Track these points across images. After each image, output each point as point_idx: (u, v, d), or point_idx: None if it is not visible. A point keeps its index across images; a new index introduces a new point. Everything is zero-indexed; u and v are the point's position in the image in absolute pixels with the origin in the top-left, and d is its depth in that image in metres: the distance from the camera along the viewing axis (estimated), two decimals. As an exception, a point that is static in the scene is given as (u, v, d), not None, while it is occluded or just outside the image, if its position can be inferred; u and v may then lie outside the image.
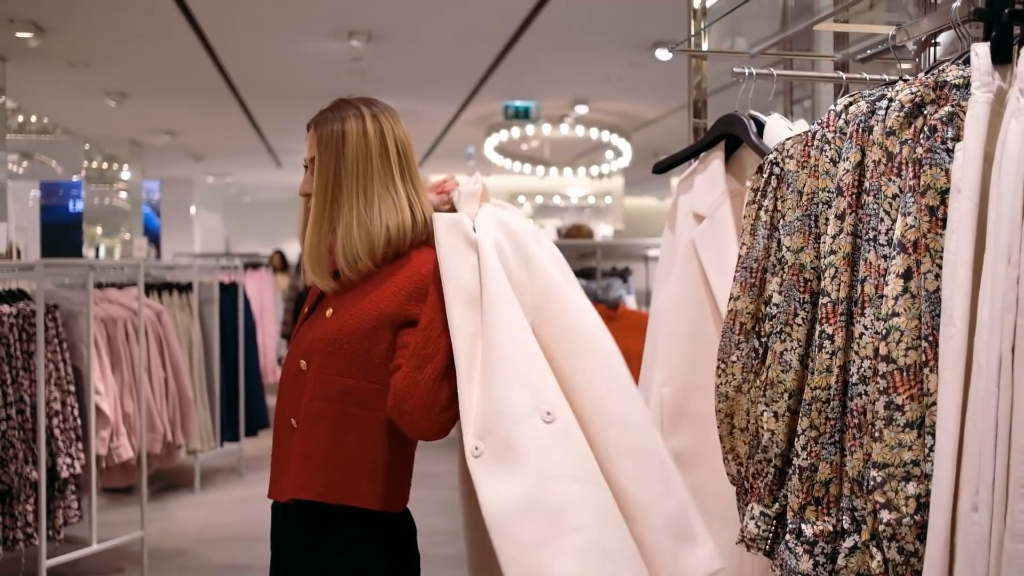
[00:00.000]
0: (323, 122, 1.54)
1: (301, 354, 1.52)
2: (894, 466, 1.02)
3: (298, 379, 1.52)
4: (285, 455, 1.52)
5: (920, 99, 1.06)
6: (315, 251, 1.52)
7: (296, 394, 1.52)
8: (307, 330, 1.56)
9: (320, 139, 1.53)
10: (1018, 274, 0.84)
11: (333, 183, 1.51)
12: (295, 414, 1.51)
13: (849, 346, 1.12)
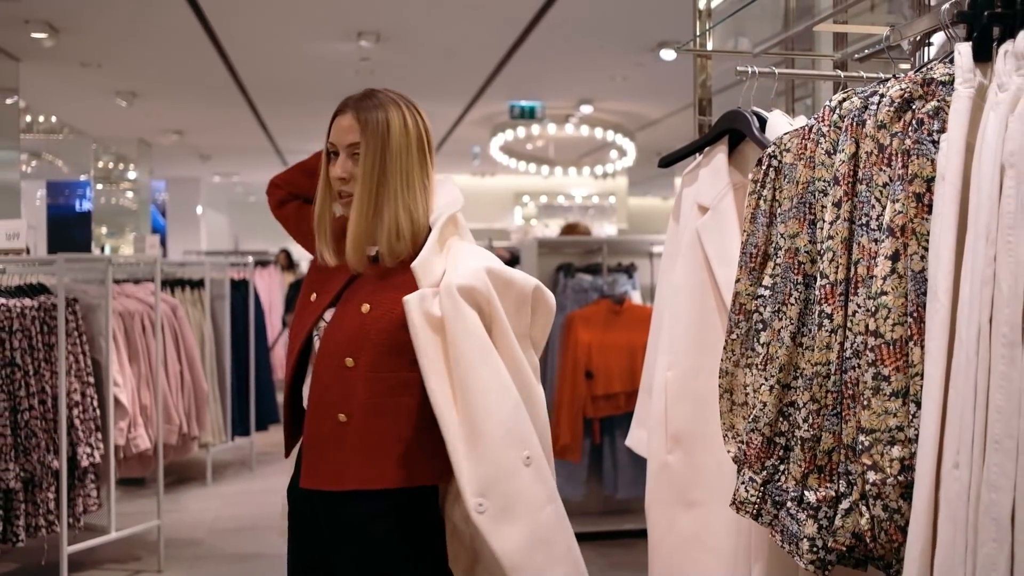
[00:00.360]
0: (366, 109, 1.57)
1: (345, 351, 1.55)
2: (880, 431, 1.11)
3: (343, 375, 1.55)
4: (332, 447, 1.56)
5: (909, 95, 1.14)
6: (361, 233, 1.56)
7: (343, 389, 1.55)
8: (342, 325, 1.58)
9: (366, 125, 1.56)
10: (995, 252, 0.92)
11: (380, 169, 1.55)
12: (344, 409, 1.55)
13: (845, 325, 1.21)
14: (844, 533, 1.19)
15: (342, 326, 1.58)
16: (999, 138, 0.93)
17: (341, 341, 1.56)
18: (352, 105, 1.60)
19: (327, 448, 1.57)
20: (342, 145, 1.59)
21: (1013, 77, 0.94)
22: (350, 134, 1.58)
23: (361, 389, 1.53)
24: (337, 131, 1.61)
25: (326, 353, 1.59)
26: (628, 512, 4.40)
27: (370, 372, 1.53)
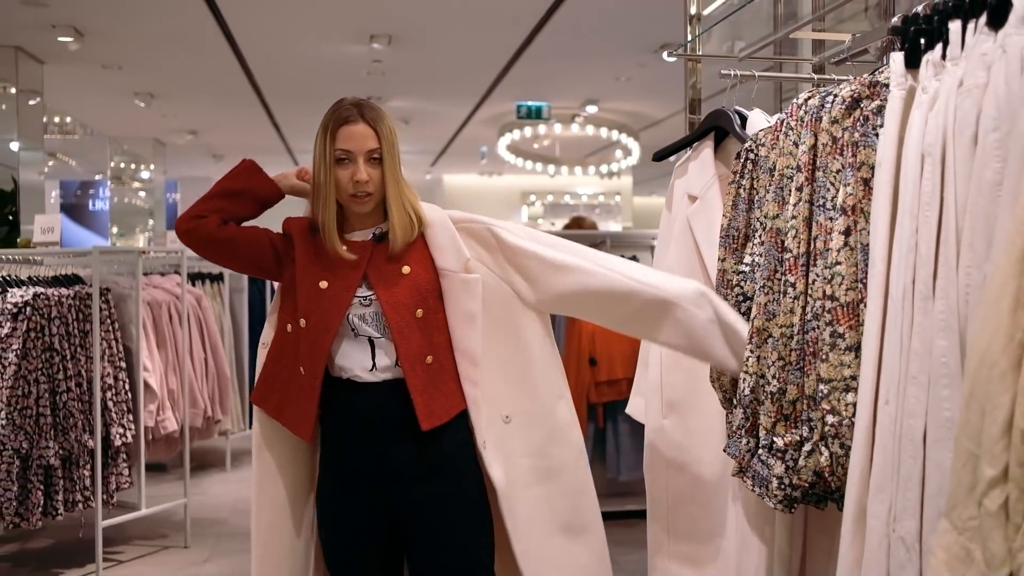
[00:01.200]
0: (380, 119, 1.80)
1: (413, 306, 1.79)
2: (837, 380, 1.32)
3: (417, 324, 1.79)
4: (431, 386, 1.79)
5: (857, 95, 1.35)
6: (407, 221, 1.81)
7: (422, 336, 1.79)
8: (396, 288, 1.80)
9: (379, 133, 1.78)
10: (916, 225, 1.13)
11: (396, 169, 1.81)
12: (431, 352, 1.80)
13: (807, 291, 1.42)
14: (807, 471, 1.40)
15: (397, 289, 1.80)
16: (921, 131, 1.14)
17: (405, 300, 1.79)
18: (368, 116, 1.80)
19: (428, 388, 1.78)
20: (361, 151, 1.77)
21: (932, 81, 1.15)
22: (369, 141, 1.78)
23: (436, 332, 1.80)
24: (352, 139, 1.78)
25: (396, 313, 1.79)
26: (630, 494, 4.60)
27: (434, 316, 1.80)
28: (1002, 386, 0.86)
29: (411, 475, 1.80)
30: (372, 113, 1.80)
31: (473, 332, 1.81)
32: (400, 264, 1.82)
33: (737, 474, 1.57)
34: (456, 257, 1.83)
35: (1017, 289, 0.87)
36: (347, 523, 1.85)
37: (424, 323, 1.79)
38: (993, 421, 0.86)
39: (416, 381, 1.77)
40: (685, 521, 2.05)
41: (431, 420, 1.78)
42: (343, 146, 1.77)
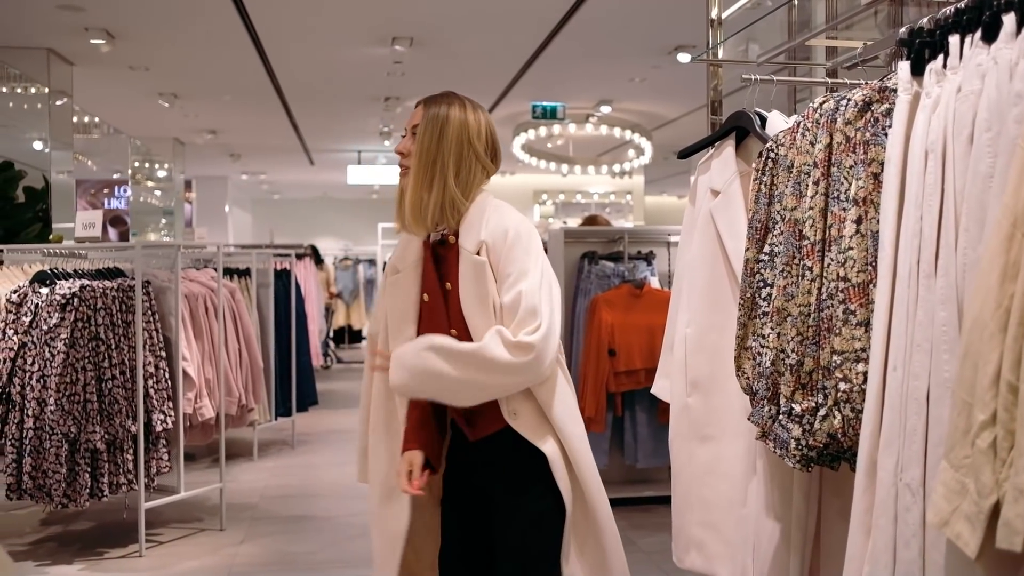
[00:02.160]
0: (434, 103, 1.88)
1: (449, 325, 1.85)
2: (848, 352, 1.48)
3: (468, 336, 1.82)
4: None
5: (869, 99, 1.52)
6: (416, 201, 1.85)
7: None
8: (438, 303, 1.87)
9: (427, 112, 1.85)
10: (920, 213, 1.29)
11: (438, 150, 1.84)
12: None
13: (822, 274, 1.59)
14: (821, 433, 1.57)
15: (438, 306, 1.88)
16: (925, 131, 1.30)
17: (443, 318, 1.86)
18: (424, 99, 1.91)
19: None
20: (408, 126, 1.90)
21: (934, 88, 1.32)
22: (415, 117, 1.89)
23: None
24: (409, 116, 1.93)
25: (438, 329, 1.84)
26: (648, 481, 4.77)
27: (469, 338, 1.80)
28: (991, 345, 1.02)
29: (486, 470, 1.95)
30: (437, 99, 1.90)
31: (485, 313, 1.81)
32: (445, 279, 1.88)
33: (760, 438, 1.74)
34: (472, 240, 1.85)
35: (1004, 264, 1.03)
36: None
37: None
38: (984, 374, 1.03)
39: None
40: (707, 491, 2.21)
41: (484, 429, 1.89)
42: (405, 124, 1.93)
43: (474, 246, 1.84)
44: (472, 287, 1.82)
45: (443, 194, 1.85)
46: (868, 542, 1.36)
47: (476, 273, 1.81)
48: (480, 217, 1.87)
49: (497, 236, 1.83)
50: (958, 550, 1.07)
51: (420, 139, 1.86)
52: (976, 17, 1.24)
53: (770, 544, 1.97)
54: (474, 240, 1.85)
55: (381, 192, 17.01)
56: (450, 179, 1.85)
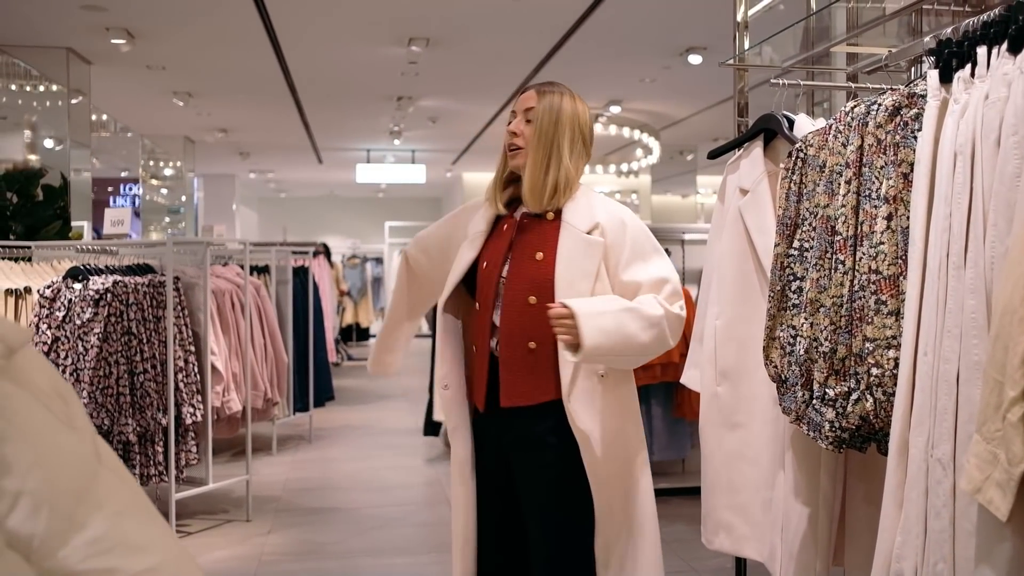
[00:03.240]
0: (546, 90, 2.00)
1: (529, 291, 1.93)
2: (880, 340, 1.59)
3: (528, 311, 1.92)
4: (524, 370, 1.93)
5: (898, 104, 1.63)
6: (537, 181, 1.96)
7: (529, 322, 1.92)
8: (521, 271, 1.95)
9: (542, 98, 1.98)
10: (950, 210, 1.40)
11: (555, 133, 1.96)
12: (534, 338, 1.92)
13: (854, 267, 1.69)
14: (854, 416, 1.67)
15: (522, 272, 1.97)
16: (954, 135, 1.41)
17: (523, 284, 1.95)
18: (536, 86, 2.04)
19: (516, 371, 1.93)
20: (520, 110, 2.01)
21: (963, 94, 1.42)
22: (529, 101, 2.01)
23: (543, 320, 1.89)
24: (519, 101, 2.04)
25: (511, 295, 1.95)
26: (664, 473, 4.88)
27: (544, 306, 1.90)
28: (1021, 328, 1.13)
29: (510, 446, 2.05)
30: (548, 86, 2.02)
31: (581, 286, 1.91)
32: (536, 250, 1.97)
33: (794, 422, 1.85)
34: (585, 220, 1.96)
35: (1032, 256, 1.14)
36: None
37: (537, 311, 1.91)
38: (1014, 355, 1.14)
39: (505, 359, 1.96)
40: (735, 476, 2.32)
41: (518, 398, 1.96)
42: (513, 108, 2.04)
43: (587, 225, 1.97)
44: (577, 261, 1.93)
45: (559, 174, 1.97)
46: (900, 515, 1.47)
47: (586, 249, 1.94)
48: (587, 200, 2.02)
49: (615, 223, 1.98)
50: (988, 516, 1.18)
51: (539, 122, 1.98)
52: (1003, 30, 1.34)
53: (798, 526, 2.08)
54: (586, 220, 1.97)
55: (388, 191, 17.12)
56: (565, 160, 1.98)
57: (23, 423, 0.72)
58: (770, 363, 2.02)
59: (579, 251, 1.94)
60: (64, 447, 0.75)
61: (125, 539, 0.73)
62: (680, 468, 4.99)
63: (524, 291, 1.94)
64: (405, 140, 11.19)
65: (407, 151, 12.28)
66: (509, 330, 1.94)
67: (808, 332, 1.77)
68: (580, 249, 1.94)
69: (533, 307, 1.92)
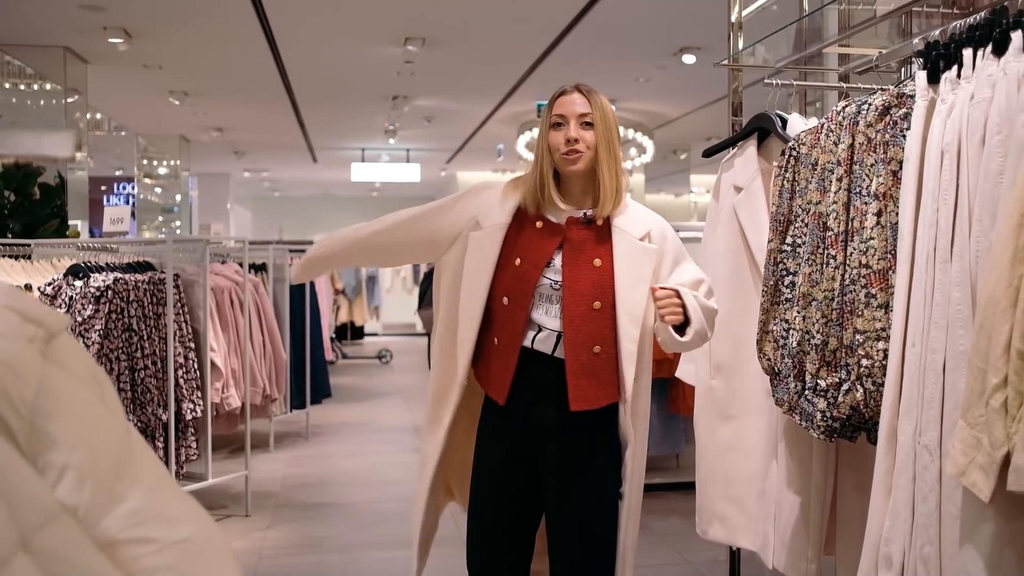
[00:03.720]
0: (593, 93, 1.96)
1: (593, 297, 1.92)
2: (870, 332, 1.65)
3: (592, 316, 1.92)
4: (589, 373, 1.92)
5: (888, 104, 1.68)
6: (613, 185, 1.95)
7: (595, 328, 1.91)
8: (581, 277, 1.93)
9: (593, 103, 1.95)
10: (936, 206, 1.46)
11: (611, 140, 1.96)
12: (599, 342, 1.92)
13: (845, 262, 1.75)
14: (844, 406, 1.73)
15: (581, 278, 1.94)
16: (941, 133, 1.47)
17: (586, 289, 1.93)
18: (578, 88, 1.97)
19: (584, 374, 1.92)
20: (573, 115, 1.94)
21: (949, 95, 1.48)
22: (581, 107, 1.95)
23: (606, 325, 1.92)
24: (566, 105, 1.95)
25: (574, 300, 1.93)
26: (658, 468, 4.94)
27: (610, 311, 1.92)
28: (1003, 319, 1.19)
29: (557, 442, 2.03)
30: (587, 88, 1.99)
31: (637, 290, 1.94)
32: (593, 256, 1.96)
33: (787, 412, 1.90)
34: (638, 227, 1.99)
35: (1014, 249, 1.20)
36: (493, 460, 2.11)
37: (601, 316, 1.92)
38: (997, 344, 1.19)
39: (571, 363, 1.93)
40: (729, 467, 2.37)
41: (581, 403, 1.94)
42: (559, 111, 1.96)
43: (639, 233, 1.99)
44: (634, 267, 1.95)
45: (623, 177, 2.01)
46: (889, 500, 1.52)
47: (641, 256, 1.97)
48: (633, 208, 2.04)
49: (659, 230, 2.02)
50: (972, 499, 1.24)
51: (604, 127, 1.95)
52: (987, 33, 1.40)
53: (791, 515, 2.14)
54: (638, 227, 2.00)
55: (382, 190, 17.15)
56: (622, 163, 2.02)
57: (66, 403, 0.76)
58: (763, 356, 2.07)
59: (635, 258, 1.97)
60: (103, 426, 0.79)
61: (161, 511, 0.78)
62: (674, 463, 5.05)
63: (588, 297, 1.95)
64: (400, 139, 11.23)
65: (402, 150, 12.32)
66: (575, 335, 1.93)
67: (800, 325, 1.83)
68: (636, 256, 1.97)
69: (598, 312, 1.94)
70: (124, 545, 0.75)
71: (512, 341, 1.98)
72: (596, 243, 1.98)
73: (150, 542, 0.76)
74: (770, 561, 2.21)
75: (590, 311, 1.93)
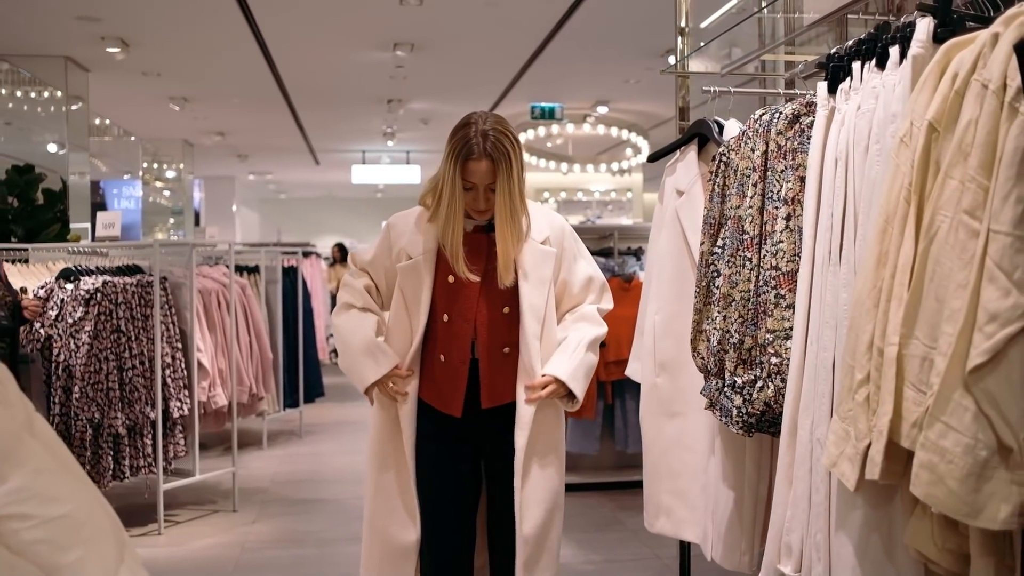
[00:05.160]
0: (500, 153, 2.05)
1: (502, 304, 2.11)
2: (779, 331, 1.73)
3: (502, 321, 2.11)
4: (501, 373, 2.12)
5: (797, 112, 1.76)
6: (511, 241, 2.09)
7: (503, 331, 2.11)
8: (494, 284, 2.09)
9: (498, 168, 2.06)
10: (831, 211, 1.54)
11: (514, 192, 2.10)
12: (508, 344, 2.11)
13: (759, 264, 1.83)
14: (759, 402, 1.81)
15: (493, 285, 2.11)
16: (835, 142, 1.55)
17: (494, 298, 2.11)
18: (485, 153, 2.04)
19: (494, 374, 2.12)
20: (481, 184, 2.06)
21: (844, 104, 1.56)
22: (487, 177, 2.05)
23: (514, 329, 2.11)
24: (475, 174, 2.05)
25: (489, 306, 2.11)
26: (637, 466, 4.98)
27: (515, 316, 2.11)
28: (867, 318, 1.27)
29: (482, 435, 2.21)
30: (493, 148, 2.05)
31: (542, 291, 2.11)
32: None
33: (708, 408, 1.98)
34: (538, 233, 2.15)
35: (878, 253, 1.27)
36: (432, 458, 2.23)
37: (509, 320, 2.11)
38: (861, 342, 1.27)
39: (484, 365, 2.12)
40: (674, 462, 2.45)
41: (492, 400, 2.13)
42: (469, 179, 2.06)
43: (540, 238, 2.15)
44: (537, 270, 2.12)
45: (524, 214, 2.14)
46: (790, 491, 1.61)
47: (542, 260, 2.13)
48: (536, 213, 2.19)
49: (560, 232, 2.20)
50: (845, 488, 1.32)
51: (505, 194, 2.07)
52: (872, 47, 1.48)
53: (726, 508, 2.22)
54: (539, 233, 2.16)
55: (386, 191, 17.28)
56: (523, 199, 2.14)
57: (-46, 398, 0.86)
58: (697, 355, 2.15)
59: (536, 262, 2.13)
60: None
61: (41, 492, 0.88)
62: (655, 461, 5.11)
63: (499, 303, 2.11)
64: (399, 141, 11.34)
65: (402, 152, 12.43)
66: (488, 338, 2.11)
67: (721, 324, 1.91)
68: (538, 260, 2.13)
69: (507, 316, 2.11)
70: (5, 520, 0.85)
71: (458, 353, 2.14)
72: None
73: (28, 518, 0.86)
74: (708, 553, 2.29)
75: (501, 315, 2.10)
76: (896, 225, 1.22)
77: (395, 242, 2.22)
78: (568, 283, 2.20)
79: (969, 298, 1.04)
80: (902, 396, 1.16)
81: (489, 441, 2.18)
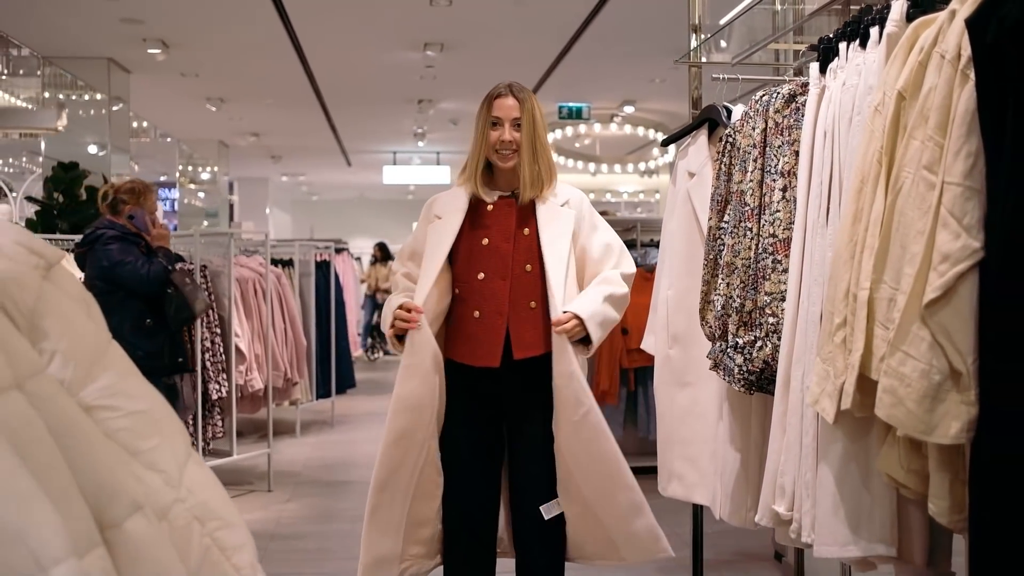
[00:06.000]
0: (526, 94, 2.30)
1: (525, 261, 2.25)
2: (775, 293, 1.87)
3: (526, 277, 2.25)
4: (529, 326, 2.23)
5: (793, 92, 1.90)
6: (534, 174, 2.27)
7: (528, 286, 2.24)
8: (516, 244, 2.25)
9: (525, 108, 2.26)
10: (821, 179, 1.68)
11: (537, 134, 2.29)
12: (534, 298, 2.24)
13: (758, 233, 1.97)
14: (758, 360, 1.95)
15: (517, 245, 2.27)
16: (824, 117, 1.69)
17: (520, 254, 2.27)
18: (510, 91, 2.29)
19: (525, 327, 2.24)
20: (507, 118, 2.25)
21: (832, 83, 1.70)
22: (513, 111, 2.26)
23: (539, 284, 2.24)
24: (501, 108, 2.26)
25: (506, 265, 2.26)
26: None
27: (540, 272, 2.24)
28: (845, 268, 1.41)
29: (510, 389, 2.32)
30: (519, 89, 2.31)
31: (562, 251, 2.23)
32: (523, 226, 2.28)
33: (712, 368, 2.12)
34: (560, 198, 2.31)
35: (855, 210, 1.42)
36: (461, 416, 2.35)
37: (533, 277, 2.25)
38: (839, 290, 1.41)
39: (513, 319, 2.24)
40: (686, 430, 2.59)
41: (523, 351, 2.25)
42: (496, 113, 2.27)
43: (560, 202, 2.32)
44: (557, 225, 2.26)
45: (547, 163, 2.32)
46: (784, 439, 1.75)
47: (564, 218, 2.28)
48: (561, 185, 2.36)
49: (579, 200, 2.36)
50: (826, 423, 1.46)
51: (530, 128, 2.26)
52: (856, 28, 1.62)
53: (732, 469, 2.35)
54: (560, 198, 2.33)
55: (417, 192, 17.52)
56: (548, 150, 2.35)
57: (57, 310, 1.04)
58: (705, 324, 2.30)
59: (557, 218, 2.29)
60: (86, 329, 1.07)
61: (125, 390, 1.06)
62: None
63: (522, 261, 2.27)
64: (429, 142, 11.55)
65: (432, 152, 12.64)
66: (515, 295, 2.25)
67: (725, 291, 2.05)
68: (558, 217, 2.29)
69: (529, 273, 2.26)
70: (95, 410, 1.03)
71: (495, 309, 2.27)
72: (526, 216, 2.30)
73: (116, 409, 1.04)
74: (716, 513, 2.43)
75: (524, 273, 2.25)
76: (870, 184, 1.36)
77: (430, 210, 2.40)
78: (587, 250, 2.31)
79: (926, 242, 1.18)
80: (872, 335, 1.30)
81: (512, 401, 2.31)
